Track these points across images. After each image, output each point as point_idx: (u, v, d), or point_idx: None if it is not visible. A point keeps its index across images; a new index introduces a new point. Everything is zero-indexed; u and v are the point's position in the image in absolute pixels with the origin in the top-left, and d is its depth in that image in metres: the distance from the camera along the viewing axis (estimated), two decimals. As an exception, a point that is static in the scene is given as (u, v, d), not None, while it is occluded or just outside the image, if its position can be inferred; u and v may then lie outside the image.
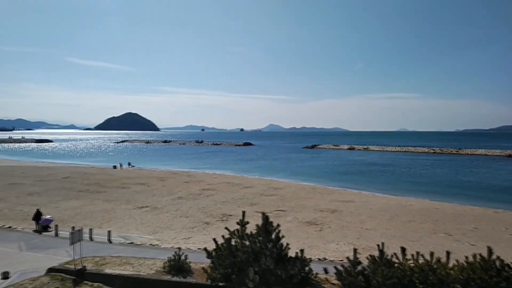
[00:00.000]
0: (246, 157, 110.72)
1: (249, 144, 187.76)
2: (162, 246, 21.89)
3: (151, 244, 22.37)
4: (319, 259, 19.31)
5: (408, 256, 12.10)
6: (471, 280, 10.70)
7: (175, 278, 14.74)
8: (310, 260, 14.26)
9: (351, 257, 12.61)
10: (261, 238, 12.91)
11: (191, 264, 15.77)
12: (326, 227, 27.22)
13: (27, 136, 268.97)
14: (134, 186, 46.99)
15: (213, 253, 13.90)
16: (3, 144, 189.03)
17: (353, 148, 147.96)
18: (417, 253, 12.12)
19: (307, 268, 13.55)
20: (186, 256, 15.90)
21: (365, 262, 12.74)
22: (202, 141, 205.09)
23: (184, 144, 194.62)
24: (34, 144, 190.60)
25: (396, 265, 12.04)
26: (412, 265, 11.86)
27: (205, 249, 14.59)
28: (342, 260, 17.94)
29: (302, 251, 13.68)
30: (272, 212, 31.32)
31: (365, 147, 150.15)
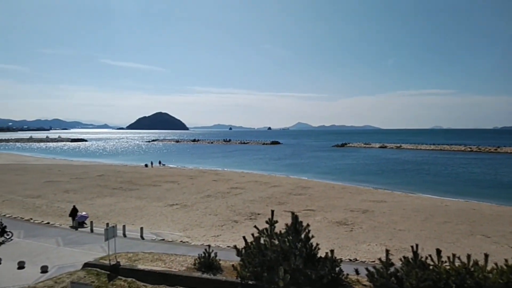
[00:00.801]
0: (274, 155, 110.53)
1: (277, 142, 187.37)
2: (192, 243, 22.23)
3: (181, 241, 22.77)
4: (350, 260, 18.97)
5: (444, 258, 11.63)
6: (512, 285, 10.15)
7: (206, 275, 14.91)
8: (341, 260, 14.01)
9: (384, 258, 12.27)
10: (290, 238, 12.80)
11: (220, 262, 15.91)
12: (357, 228, 26.70)
13: (63, 136, 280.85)
14: (164, 184, 48.01)
15: (243, 251, 13.93)
16: (41, 143, 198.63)
17: (385, 147, 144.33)
18: (453, 255, 11.63)
19: (337, 269, 13.33)
20: (215, 253, 16.06)
21: (398, 264, 12.38)
22: (230, 140, 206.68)
23: (212, 143, 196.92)
24: (70, 143, 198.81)
25: (431, 267, 11.61)
26: (448, 267, 11.40)
27: (234, 247, 14.66)
28: (374, 261, 17.55)
29: (332, 251, 13.46)
30: (301, 211, 31.07)
31: (398, 145, 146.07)
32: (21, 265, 17.65)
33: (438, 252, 11.69)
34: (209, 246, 17.47)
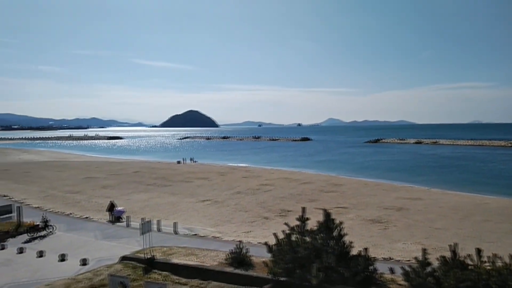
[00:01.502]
0: (304, 152, 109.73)
1: (307, 139, 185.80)
2: (224, 239, 22.51)
3: (213, 237, 23.12)
4: (384, 258, 18.54)
5: (484, 258, 11.14)
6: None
7: (237, 271, 15.07)
8: (375, 259, 13.76)
9: (420, 257, 11.92)
10: (322, 235, 12.69)
11: (252, 258, 16.03)
12: (391, 226, 26.03)
13: (100, 134, 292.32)
14: (196, 181, 48.87)
15: (274, 248, 13.95)
16: (79, 141, 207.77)
17: (421, 142, 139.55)
18: (494, 255, 11.11)
19: (371, 267, 13.09)
20: (247, 249, 16.20)
21: (436, 263, 11.98)
22: (259, 137, 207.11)
23: (242, 140, 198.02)
24: (107, 141, 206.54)
25: (470, 267, 11.15)
26: (488, 268, 10.91)
27: (265, 243, 14.70)
28: (409, 260, 17.07)
29: (366, 249, 13.22)
30: (333, 209, 30.64)
31: (434, 141, 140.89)
32: (62, 258, 18.60)
33: (478, 251, 11.21)
34: (240, 242, 17.64)
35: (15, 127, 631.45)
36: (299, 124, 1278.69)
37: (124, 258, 17.69)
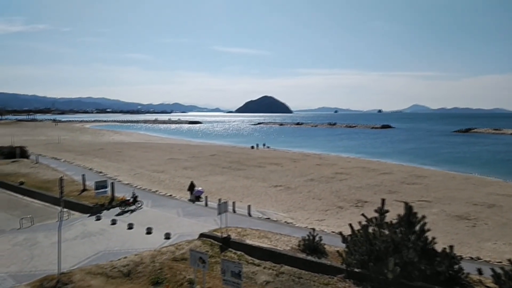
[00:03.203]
0: (385, 140, 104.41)
1: (388, 126, 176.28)
2: (296, 225, 22.59)
3: (286, 222, 23.34)
4: (471, 258, 17.00)
5: None
6: None
7: (310, 258, 15.04)
8: (460, 258, 12.68)
9: (515, 261, 10.71)
10: (402, 229, 12.02)
11: (325, 246, 15.87)
12: (480, 223, 23.72)
13: (182, 119, 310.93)
14: (269, 166, 49.49)
15: (349, 239, 13.62)
16: (164, 124, 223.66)
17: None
18: None
19: (456, 266, 12.12)
20: (320, 237, 16.06)
21: (534, 269, 10.66)
22: (335, 123, 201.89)
23: (316, 126, 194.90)
24: (188, 125, 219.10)
25: None
26: None
27: (340, 233, 14.44)
28: (501, 262, 15.45)
29: (451, 247, 12.23)
30: (415, 202, 28.72)
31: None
32: (149, 231, 20.36)
33: None
34: (313, 229, 17.52)
35: (108, 110, 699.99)
36: (379, 111, 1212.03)
37: (202, 235, 18.77)
